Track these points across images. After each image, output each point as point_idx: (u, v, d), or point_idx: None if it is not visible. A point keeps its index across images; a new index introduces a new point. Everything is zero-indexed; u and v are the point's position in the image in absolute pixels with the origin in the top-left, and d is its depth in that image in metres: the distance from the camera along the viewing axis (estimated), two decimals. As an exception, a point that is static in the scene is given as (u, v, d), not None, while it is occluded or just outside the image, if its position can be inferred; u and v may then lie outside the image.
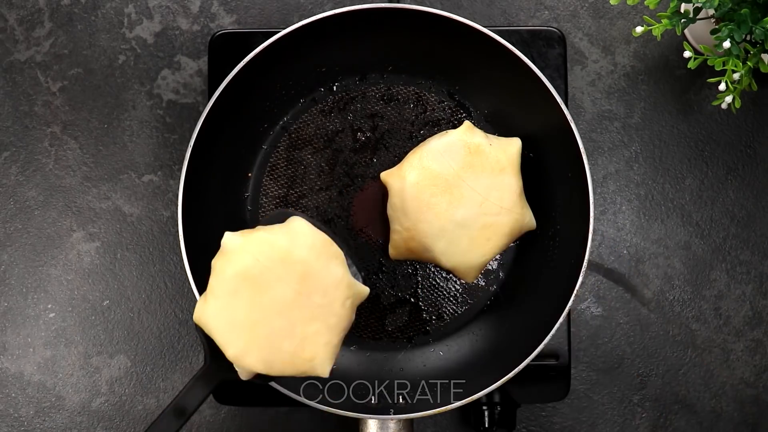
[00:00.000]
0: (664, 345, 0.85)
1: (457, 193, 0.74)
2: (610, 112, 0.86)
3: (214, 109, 0.74)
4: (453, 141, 0.75)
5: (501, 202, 0.75)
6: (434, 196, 0.74)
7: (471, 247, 0.75)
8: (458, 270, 0.77)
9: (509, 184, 0.75)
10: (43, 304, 0.85)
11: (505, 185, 0.75)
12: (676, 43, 0.86)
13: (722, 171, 0.86)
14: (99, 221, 0.85)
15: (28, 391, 0.84)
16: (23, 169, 0.85)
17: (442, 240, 0.75)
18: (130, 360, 0.84)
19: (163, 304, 0.85)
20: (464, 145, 0.75)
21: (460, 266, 0.76)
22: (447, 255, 0.76)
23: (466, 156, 0.74)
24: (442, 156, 0.74)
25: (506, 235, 0.76)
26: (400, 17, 0.75)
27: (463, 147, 0.74)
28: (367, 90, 0.81)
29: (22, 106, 0.85)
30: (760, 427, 0.85)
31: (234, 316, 0.63)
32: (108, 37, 0.86)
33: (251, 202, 0.81)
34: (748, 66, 0.74)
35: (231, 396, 0.80)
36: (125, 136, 0.85)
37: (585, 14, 0.87)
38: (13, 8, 0.86)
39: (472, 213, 0.74)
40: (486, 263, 0.77)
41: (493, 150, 0.75)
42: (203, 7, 0.86)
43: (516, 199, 0.75)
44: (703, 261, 0.85)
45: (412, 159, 0.75)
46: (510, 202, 0.75)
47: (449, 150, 0.75)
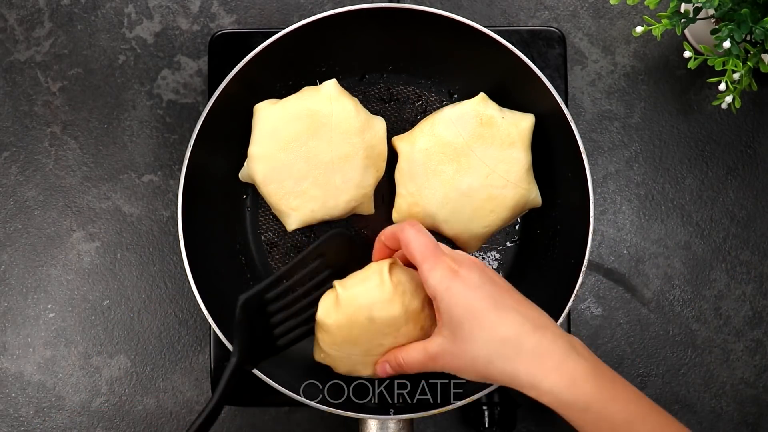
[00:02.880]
0: (664, 345, 0.85)
1: (465, 163, 0.75)
2: (610, 112, 0.86)
3: (214, 109, 0.74)
4: (466, 111, 0.75)
5: (508, 175, 0.75)
6: (441, 164, 0.75)
7: (474, 217, 0.76)
8: (459, 239, 0.77)
9: (518, 159, 0.75)
10: (43, 304, 0.85)
11: (514, 159, 0.75)
12: (676, 43, 0.86)
13: (722, 171, 0.86)
14: (99, 221, 0.85)
15: (28, 391, 0.84)
16: (23, 169, 0.85)
17: (445, 207, 0.75)
18: (130, 360, 0.84)
19: (163, 304, 0.85)
20: (476, 116, 0.75)
21: (461, 235, 0.77)
22: (449, 223, 0.76)
23: (477, 127, 0.75)
24: (453, 124, 0.75)
25: (510, 209, 0.76)
26: (400, 17, 0.75)
27: (475, 117, 0.75)
28: (367, 90, 0.81)
29: (22, 106, 0.85)
30: (760, 427, 0.85)
31: (279, 133, 0.73)
32: (108, 37, 0.86)
33: (251, 201, 0.81)
34: (748, 66, 0.74)
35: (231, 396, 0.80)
36: (125, 136, 0.85)
37: (585, 14, 0.87)
38: (13, 8, 0.86)
39: (478, 183, 0.75)
40: (488, 235, 0.77)
41: (504, 123, 0.75)
42: (203, 7, 0.86)
43: (523, 174, 0.75)
44: (703, 261, 0.85)
45: (424, 126, 0.76)
46: (517, 176, 0.75)
47: (461, 119, 0.75)
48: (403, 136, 0.78)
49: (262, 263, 0.81)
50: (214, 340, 0.79)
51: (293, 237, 0.81)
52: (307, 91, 0.76)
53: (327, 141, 0.74)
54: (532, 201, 0.77)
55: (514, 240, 0.81)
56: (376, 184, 0.77)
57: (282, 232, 0.81)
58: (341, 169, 0.75)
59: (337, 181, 0.75)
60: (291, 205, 0.75)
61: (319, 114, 0.74)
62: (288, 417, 0.84)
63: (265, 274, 0.81)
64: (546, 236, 0.79)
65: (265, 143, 0.74)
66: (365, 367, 0.70)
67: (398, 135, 0.78)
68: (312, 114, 0.74)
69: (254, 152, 0.75)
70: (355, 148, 0.74)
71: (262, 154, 0.74)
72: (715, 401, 0.85)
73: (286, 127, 0.74)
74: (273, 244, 0.81)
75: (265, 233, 0.81)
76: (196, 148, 0.73)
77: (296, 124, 0.74)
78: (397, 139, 0.78)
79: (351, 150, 0.74)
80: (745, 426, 0.85)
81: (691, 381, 0.85)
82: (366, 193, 0.76)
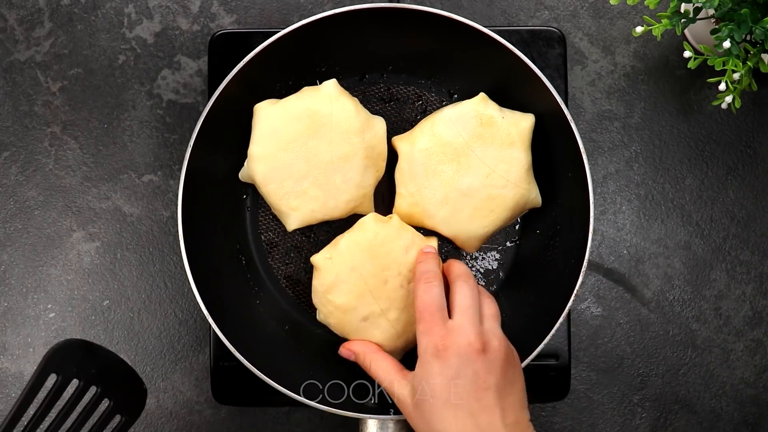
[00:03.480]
0: (664, 345, 0.85)
1: (465, 163, 0.75)
2: (610, 112, 0.86)
3: (213, 109, 0.74)
4: (466, 111, 0.76)
5: (508, 175, 0.75)
6: (441, 164, 0.75)
7: (473, 217, 0.76)
8: (458, 239, 0.77)
9: (518, 159, 0.75)
10: (43, 304, 0.85)
11: (514, 159, 0.75)
12: (676, 43, 0.86)
13: (722, 171, 0.86)
14: (99, 221, 0.85)
15: (28, 391, 0.84)
16: (23, 169, 0.85)
17: (445, 207, 0.76)
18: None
19: (163, 304, 0.85)
20: (476, 116, 0.75)
21: (460, 235, 0.77)
22: (448, 223, 0.76)
23: (477, 127, 0.75)
24: (453, 124, 0.75)
25: (510, 209, 0.76)
26: (400, 17, 0.75)
27: (475, 117, 0.75)
28: (367, 90, 0.81)
29: (22, 106, 0.85)
30: (760, 427, 0.85)
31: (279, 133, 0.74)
32: (108, 37, 0.86)
33: (251, 201, 0.81)
34: (748, 66, 0.74)
35: (231, 396, 0.80)
36: (125, 136, 0.85)
37: (585, 14, 0.87)
38: (13, 8, 0.86)
39: (478, 183, 0.75)
40: (487, 235, 0.77)
41: (504, 123, 0.75)
42: (203, 7, 0.86)
43: (523, 174, 0.75)
44: (703, 261, 0.85)
45: (424, 125, 0.76)
46: (517, 176, 0.75)
47: (461, 119, 0.75)
48: (403, 136, 0.78)
49: (262, 263, 0.81)
50: (214, 340, 0.79)
51: (293, 237, 0.81)
52: (307, 91, 0.76)
53: (327, 141, 0.74)
54: (532, 201, 0.77)
55: (514, 240, 0.81)
56: (376, 184, 0.77)
57: (282, 232, 0.81)
58: (341, 169, 0.75)
59: (337, 181, 0.75)
60: (291, 205, 0.75)
61: (319, 114, 0.74)
62: (288, 417, 0.84)
63: (266, 274, 0.81)
64: (546, 236, 0.79)
65: (265, 143, 0.74)
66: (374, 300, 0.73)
67: (398, 135, 0.78)
68: (312, 114, 0.74)
69: (254, 152, 0.75)
70: (355, 148, 0.75)
71: (262, 154, 0.74)
72: (715, 401, 0.85)
73: (286, 127, 0.74)
74: (273, 244, 0.81)
75: (265, 233, 0.81)
76: (196, 148, 0.73)
77: (296, 124, 0.74)
78: (397, 139, 0.78)
79: (351, 150, 0.74)
80: (745, 426, 0.85)
81: (691, 381, 0.85)
82: (366, 193, 0.76)
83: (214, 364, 0.79)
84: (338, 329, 0.75)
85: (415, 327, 0.69)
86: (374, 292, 0.73)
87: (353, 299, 0.73)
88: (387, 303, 0.73)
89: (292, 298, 0.80)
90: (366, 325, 0.74)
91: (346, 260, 0.73)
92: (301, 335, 0.80)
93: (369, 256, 0.73)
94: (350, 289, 0.73)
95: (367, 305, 0.73)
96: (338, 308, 0.74)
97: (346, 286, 0.73)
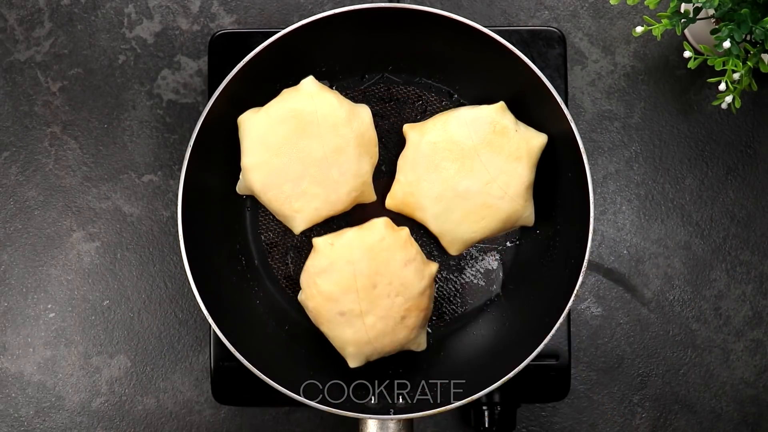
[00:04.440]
0: (664, 345, 0.85)
1: (468, 165, 0.75)
2: (610, 112, 0.86)
3: (214, 109, 0.73)
4: (482, 115, 0.76)
5: (507, 187, 0.75)
6: (445, 161, 0.75)
7: (464, 220, 0.76)
8: (444, 238, 0.77)
9: (521, 174, 0.75)
10: (43, 304, 0.85)
11: (517, 173, 0.75)
12: (676, 43, 0.86)
13: (722, 171, 0.86)
14: (99, 221, 0.85)
15: (28, 391, 0.84)
16: (23, 169, 0.85)
17: (438, 204, 0.76)
18: (130, 360, 0.84)
19: (163, 304, 0.85)
20: (491, 122, 0.75)
21: (446, 234, 0.77)
22: (438, 220, 0.76)
23: (490, 133, 0.75)
24: (467, 125, 0.75)
25: (501, 221, 0.76)
26: (400, 17, 0.75)
27: (490, 123, 0.75)
28: (367, 90, 0.81)
29: (22, 106, 0.85)
30: (760, 427, 0.85)
31: (268, 139, 0.74)
32: (108, 37, 0.86)
33: (251, 202, 0.81)
34: (748, 66, 0.74)
35: (231, 396, 0.80)
36: (125, 136, 0.85)
37: (585, 14, 0.87)
38: (13, 8, 0.86)
39: (476, 188, 0.75)
40: (472, 242, 0.77)
41: (516, 136, 0.75)
42: (203, 7, 0.86)
43: (522, 190, 0.76)
44: (703, 261, 0.85)
45: (437, 120, 0.77)
46: (515, 190, 0.75)
47: (475, 122, 0.75)
48: (414, 125, 0.78)
49: (262, 263, 0.81)
50: (214, 340, 0.79)
51: (293, 237, 0.81)
52: (287, 92, 0.76)
53: (317, 137, 0.74)
54: (525, 219, 0.77)
55: (514, 240, 0.81)
56: (372, 171, 0.77)
57: (282, 232, 0.81)
58: (336, 162, 0.75)
59: (334, 175, 0.75)
60: (294, 208, 0.75)
61: (304, 113, 0.74)
62: (288, 417, 0.84)
63: (266, 274, 0.81)
64: (546, 236, 0.79)
65: (256, 152, 0.74)
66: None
67: (410, 123, 0.78)
68: (297, 114, 0.74)
69: (247, 163, 0.75)
70: (345, 138, 0.75)
71: (256, 163, 0.74)
72: (715, 401, 0.85)
73: (273, 132, 0.74)
74: (273, 244, 0.81)
75: (265, 233, 0.81)
76: (196, 148, 0.73)
77: (283, 127, 0.74)
78: (408, 126, 0.78)
79: (342, 141, 0.75)
80: (745, 426, 0.85)
81: (691, 381, 0.85)
82: (365, 180, 0.76)
83: (214, 364, 0.79)
84: (314, 315, 0.76)
85: (384, 340, 0.72)
86: (361, 292, 0.73)
87: (338, 291, 0.73)
88: (368, 306, 0.73)
89: (292, 298, 0.80)
90: (341, 320, 0.74)
91: (345, 251, 0.73)
92: (301, 335, 0.80)
93: (369, 256, 0.73)
94: (339, 280, 0.73)
95: (350, 302, 0.73)
96: (321, 293, 0.74)
97: (337, 276, 0.73)
